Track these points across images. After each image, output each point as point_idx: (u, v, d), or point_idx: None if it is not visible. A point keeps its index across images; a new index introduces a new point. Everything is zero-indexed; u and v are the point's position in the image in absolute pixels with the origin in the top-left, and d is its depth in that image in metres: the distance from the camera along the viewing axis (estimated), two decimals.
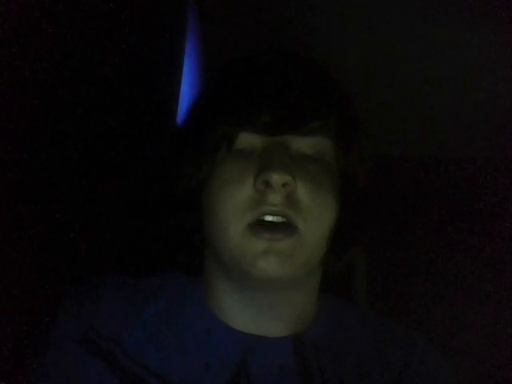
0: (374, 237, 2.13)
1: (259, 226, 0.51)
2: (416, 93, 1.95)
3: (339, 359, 0.55)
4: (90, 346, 0.56)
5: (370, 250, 2.14)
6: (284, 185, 0.50)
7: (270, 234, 0.51)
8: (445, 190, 2.17)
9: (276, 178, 0.49)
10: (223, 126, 0.53)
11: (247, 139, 0.53)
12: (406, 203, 2.19)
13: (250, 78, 0.55)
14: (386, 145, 2.24)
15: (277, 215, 0.51)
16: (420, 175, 2.21)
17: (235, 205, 0.51)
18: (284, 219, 0.51)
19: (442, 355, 0.60)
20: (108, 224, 0.80)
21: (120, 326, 0.56)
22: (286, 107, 0.52)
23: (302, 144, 0.54)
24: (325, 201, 0.53)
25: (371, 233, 0.63)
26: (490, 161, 2.13)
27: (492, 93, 1.80)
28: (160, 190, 0.63)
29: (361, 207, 0.59)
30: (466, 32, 1.63)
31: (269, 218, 0.51)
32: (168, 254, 0.62)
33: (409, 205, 2.19)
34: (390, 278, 2.03)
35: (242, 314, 0.56)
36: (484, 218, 2.06)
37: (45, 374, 0.56)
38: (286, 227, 0.51)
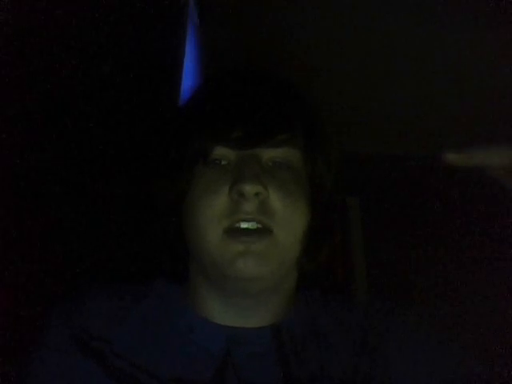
0: (375, 235, 2.14)
1: (235, 231, 0.55)
2: (416, 93, 1.95)
3: (311, 343, 0.60)
4: (80, 345, 0.58)
5: (371, 250, 2.14)
6: (256, 194, 0.55)
7: (246, 236, 0.55)
8: (444, 190, 2.18)
9: (248, 188, 0.54)
10: (200, 142, 0.59)
11: (222, 152, 0.59)
12: (406, 202, 2.19)
13: (223, 97, 0.61)
14: (387, 145, 2.25)
15: (251, 221, 0.56)
16: (420, 175, 2.21)
17: (212, 213, 0.56)
18: (259, 225, 0.56)
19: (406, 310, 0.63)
20: (97, 234, 0.82)
21: (109, 327, 0.60)
22: (256, 123, 0.58)
23: (272, 155, 0.59)
24: (296, 206, 0.58)
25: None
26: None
27: (492, 92, 1.80)
28: (143, 202, 0.67)
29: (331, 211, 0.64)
30: (466, 31, 1.63)
31: (244, 225, 0.56)
32: (155, 263, 0.66)
33: (409, 204, 2.19)
34: (390, 277, 2.03)
35: (224, 313, 0.60)
36: (484, 217, 2.06)
37: (37, 373, 0.58)
38: (261, 230, 0.56)
